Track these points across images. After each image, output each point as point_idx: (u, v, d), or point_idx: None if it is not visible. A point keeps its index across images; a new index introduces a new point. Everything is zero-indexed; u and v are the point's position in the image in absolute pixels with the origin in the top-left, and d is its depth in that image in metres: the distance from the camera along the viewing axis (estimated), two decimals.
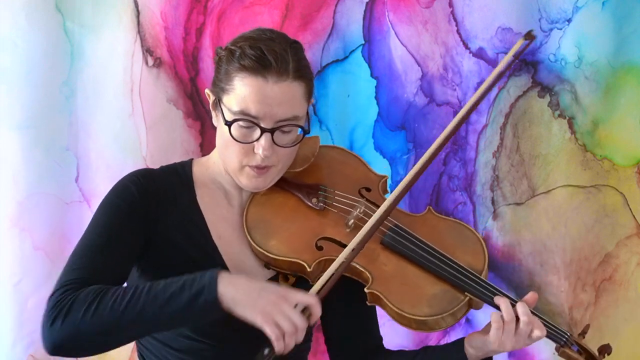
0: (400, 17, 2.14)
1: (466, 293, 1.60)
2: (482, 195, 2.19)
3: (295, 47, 1.60)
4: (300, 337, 1.46)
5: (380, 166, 2.16)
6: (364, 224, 1.59)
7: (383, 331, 1.80)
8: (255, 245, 1.61)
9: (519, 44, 1.76)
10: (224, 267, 1.60)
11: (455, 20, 2.14)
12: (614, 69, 2.15)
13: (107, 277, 1.51)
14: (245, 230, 1.62)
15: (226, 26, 2.09)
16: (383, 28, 2.14)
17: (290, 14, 2.10)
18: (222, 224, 1.65)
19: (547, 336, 1.64)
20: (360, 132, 2.17)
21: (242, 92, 1.54)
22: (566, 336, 1.65)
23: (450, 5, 2.13)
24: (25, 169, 2.04)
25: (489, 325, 1.59)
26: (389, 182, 2.16)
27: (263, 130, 1.55)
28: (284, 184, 1.67)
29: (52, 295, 1.48)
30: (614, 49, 2.14)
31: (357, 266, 1.60)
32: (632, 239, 2.20)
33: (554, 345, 2.27)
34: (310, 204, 1.66)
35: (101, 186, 2.07)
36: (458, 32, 2.15)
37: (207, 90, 1.64)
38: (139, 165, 2.08)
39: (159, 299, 1.43)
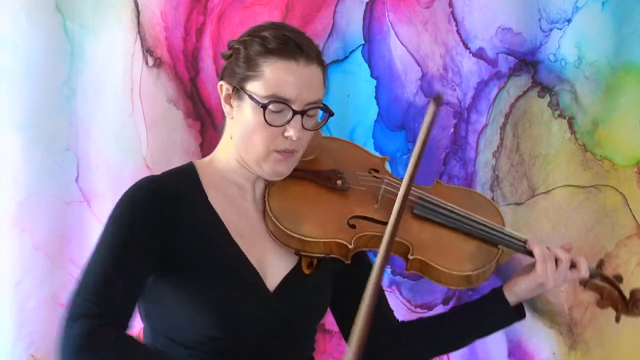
0: (400, 17, 2.14)
1: (499, 246, 1.74)
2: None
3: (309, 37, 1.64)
4: None
5: None
6: (391, 197, 1.67)
7: None
8: (288, 232, 1.62)
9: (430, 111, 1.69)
10: (247, 263, 1.60)
11: (455, 20, 2.14)
12: (614, 69, 2.15)
13: (126, 305, 1.53)
14: (275, 220, 1.62)
15: (226, 26, 2.09)
16: (383, 28, 2.14)
17: (290, 14, 2.10)
18: (239, 222, 1.64)
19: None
20: (360, 132, 2.17)
21: (273, 76, 1.56)
22: (592, 269, 1.78)
23: (450, 5, 2.13)
24: (25, 169, 2.03)
25: (525, 269, 1.73)
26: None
27: (295, 113, 1.57)
28: (298, 173, 1.69)
29: (77, 319, 1.47)
30: (614, 49, 2.14)
31: (397, 239, 1.64)
32: (632, 239, 2.20)
33: (554, 345, 2.28)
34: (334, 186, 1.70)
35: (101, 186, 2.07)
36: (458, 32, 2.15)
37: (220, 83, 1.63)
38: (139, 165, 2.08)
39: None
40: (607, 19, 2.13)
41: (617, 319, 1.81)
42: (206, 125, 2.11)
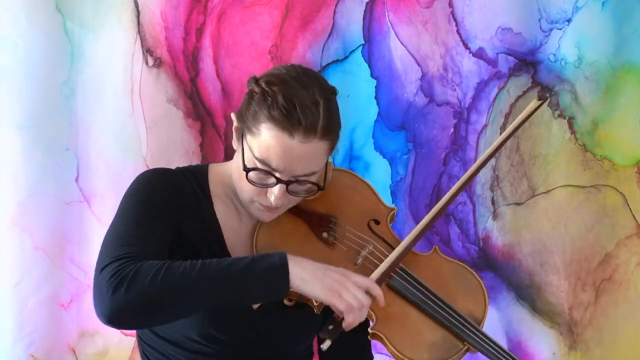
0: (400, 17, 2.14)
1: (465, 342, 1.63)
2: (482, 195, 2.19)
3: (329, 100, 1.57)
4: (364, 314, 1.52)
5: (380, 166, 2.17)
6: (371, 264, 1.63)
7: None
8: None
9: (532, 104, 1.73)
10: None
11: (455, 20, 2.14)
12: (614, 69, 2.15)
13: (159, 253, 1.50)
14: (255, 253, 1.61)
15: (226, 26, 2.09)
16: (383, 28, 2.14)
17: (290, 14, 2.10)
18: (234, 236, 1.65)
19: None
20: (360, 132, 2.17)
21: (266, 141, 1.52)
22: None
23: (450, 5, 2.13)
24: (25, 169, 2.03)
25: None
26: (388, 182, 2.16)
27: (279, 181, 1.55)
28: (295, 210, 1.67)
29: (105, 266, 1.43)
30: (614, 49, 2.14)
31: None
32: (632, 239, 2.20)
33: (554, 345, 2.28)
34: (320, 237, 1.66)
35: (101, 186, 2.07)
36: (458, 32, 2.15)
37: (232, 115, 1.62)
38: (139, 165, 2.08)
39: (232, 269, 1.44)
40: (607, 19, 2.13)
41: None
42: (206, 125, 2.11)
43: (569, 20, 2.14)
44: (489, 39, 2.14)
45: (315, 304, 1.57)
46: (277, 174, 1.54)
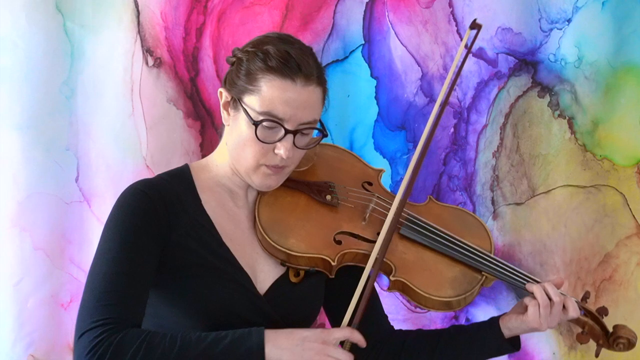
0: (400, 17, 2.14)
1: (483, 272, 1.70)
2: (482, 195, 2.19)
3: (314, 54, 1.63)
4: None
5: (380, 166, 2.16)
6: (379, 216, 1.69)
7: None
8: (275, 245, 1.63)
9: (467, 34, 1.81)
10: (240, 268, 1.61)
11: (455, 20, 2.14)
12: (614, 69, 2.15)
13: (138, 308, 1.52)
14: (262, 231, 1.63)
15: (226, 26, 2.09)
16: (383, 28, 2.14)
17: (290, 14, 2.10)
18: (230, 227, 1.65)
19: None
20: (360, 132, 2.17)
21: (269, 93, 1.55)
22: (576, 302, 1.72)
23: (450, 5, 2.13)
24: (25, 169, 2.03)
25: (520, 307, 1.69)
26: (389, 182, 2.16)
27: (287, 132, 1.57)
28: (289, 183, 1.69)
29: (83, 333, 1.46)
30: (614, 49, 2.14)
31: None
32: (632, 239, 2.20)
33: (554, 345, 2.28)
34: (324, 201, 1.69)
35: (101, 186, 2.07)
36: (458, 32, 2.15)
37: (221, 90, 1.64)
38: (139, 165, 2.08)
39: (209, 353, 1.46)
40: (607, 19, 2.13)
41: (597, 354, 1.78)
42: (206, 125, 2.11)
43: (569, 20, 2.14)
44: (489, 39, 2.15)
45: (333, 264, 1.62)
46: (284, 124, 1.56)
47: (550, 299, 1.65)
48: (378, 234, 1.65)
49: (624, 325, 1.75)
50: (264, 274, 1.64)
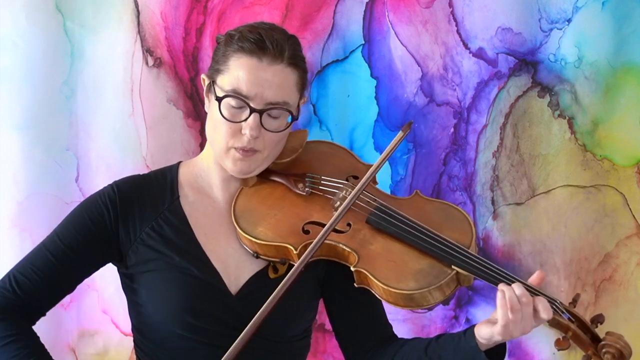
0: (400, 17, 2.14)
1: (453, 266, 1.57)
2: (482, 195, 2.19)
3: (293, 40, 1.63)
4: None
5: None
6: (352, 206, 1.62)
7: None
8: (242, 233, 1.62)
9: (399, 136, 1.70)
10: (209, 264, 1.61)
11: (455, 20, 2.14)
12: (614, 69, 2.15)
13: (41, 298, 1.64)
14: (233, 220, 1.63)
15: (226, 26, 2.09)
16: (383, 28, 2.14)
17: (290, 14, 2.10)
18: (206, 221, 1.65)
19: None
20: (360, 132, 2.17)
21: (235, 71, 1.57)
22: (556, 304, 1.56)
23: (450, 5, 2.13)
24: (25, 169, 2.04)
25: (494, 315, 1.52)
26: (389, 182, 2.16)
27: (252, 111, 1.56)
28: (271, 175, 1.69)
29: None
30: (614, 49, 2.14)
31: (344, 247, 1.60)
32: (632, 239, 2.20)
33: (554, 345, 2.26)
34: (297, 190, 1.68)
35: (101, 186, 2.06)
36: (458, 32, 2.15)
37: (202, 76, 1.65)
38: (139, 165, 2.08)
39: None
40: (607, 19, 2.13)
41: None
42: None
43: (569, 20, 2.14)
44: (489, 39, 2.14)
45: (294, 252, 1.58)
46: (249, 102, 1.56)
47: (519, 300, 1.48)
48: (349, 224, 1.61)
49: (619, 336, 1.58)
50: (239, 270, 1.62)
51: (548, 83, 2.16)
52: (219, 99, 1.57)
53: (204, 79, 1.65)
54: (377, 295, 1.59)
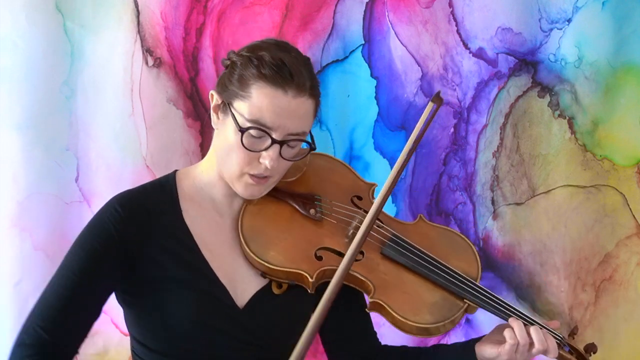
0: (400, 17, 2.14)
1: (465, 300, 1.64)
2: (482, 195, 2.19)
3: (310, 64, 1.60)
4: None
5: (381, 166, 2.17)
6: None
7: (383, 331, 1.81)
8: (253, 256, 1.60)
9: (428, 108, 1.69)
10: (216, 281, 1.60)
11: (455, 20, 2.14)
12: (614, 69, 2.15)
13: (75, 335, 1.57)
14: (243, 241, 1.61)
15: (226, 26, 2.09)
16: (383, 28, 2.14)
17: (290, 14, 2.10)
18: (211, 237, 1.63)
19: None
20: (360, 132, 2.17)
21: (259, 101, 1.53)
22: (559, 338, 1.68)
23: (450, 5, 2.13)
24: (25, 169, 2.03)
25: (499, 335, 1.62)
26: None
27: (274, 142, 1.54)
28: (276, 193, 1.67)
29: (16, 345, 1.54)
30: (614, 49, 2.14)
31: (359, 276, 1.61)
32: (632, 239, 2.20)
33: None
34: (308, 215, 1.66)
35: (101, 186, 2.08)
36: (458, 32, 2.15)
37: (212, 92, 1.62)
38: (139, 165, 2.08)
39: None
40: (607, 19, 2.13)
41: None
42: (206, 125, 2.11)
43: (569, 20, 2.14)
44: (489, 39, 2.14)
45: (310, 280, 1.57)
46: (271, 133, 1.54)
47: (531, 342, 1.59)
48: (362, 252, 1.62)
49: None
50: (244, 285, 1.62)
51: (548, 83, 2.16)
52: (242, 130, 1.54)
53: (216, 97, 1.60)
54: (391, 324, 1.62)
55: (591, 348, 1.71)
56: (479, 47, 2.15)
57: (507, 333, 1.59)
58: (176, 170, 1.69)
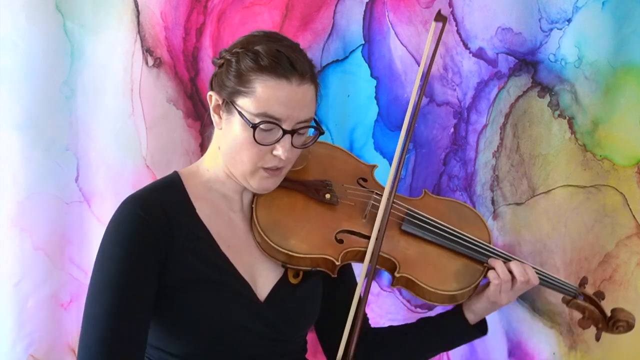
0: (400, 17, 2.14)
1: (484, 264, 1.73)
2: (482, 195, 2.19)
3: (303, 50, 1.61)
4: None
5: (381, 166, 2.16)
6: (376, 214, 1.68)
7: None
8: (276, 247, 1.61)
9: (432, 27, 1.82)
10: (238, 276, 1.60)
11: (455, 20, 2.14)
12: (614, 69, 2.15)
13: (133, 349, 1.49)
14: (262, 233, 1.62)
15: (226, 26, 2.09)
16: (383, 28, 2.14)
17: (290, 14, 2.10)
18: (227, 233, 1.63)
19: (560, 291, 1.82)
20: (360, 132, 2.17)
21: (264, 94, 1.53)
22: (574, 288, 1.82)
23: (450, 5, 2.13)
24: (25, 169, 2.03)
25: (484, 287, 1.74)
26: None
27: (285, 132, 1.55)
28: (286, 184, 1.68)
29: None
30: (614, 49, 2.14)
31: (384, 255, 1.67)
32: (632, 239, 2.20)
33: (554, 345, 2.27)
34: (323, 200, 1.69)
35: (101, 186, 2.08)
36: (458, 32, 2.15)
37: (210, 93, 1.61)
38: (139, 165, 2.08)
39: None
40: (607, 19, 2.13)
41: (598, 338, 1.84)
42: (206, 125, 2.11)
43: (569, 20, 2.14)
44: (489, 39, 2.14)
45: (337, 264, 1.62)
46: (281, 124, 1.54)
47: (513, 276, 1.70)
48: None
49: (622, 308, 1.82)
50: (263, 279, 1.63)
51: (548, 83, 2.16)
52: (255, 126, 1.53)
53: (215, 97, 1.60)
54: (417, 296, 1.69)
55: (600, 295, 1.84)
56: (479, 47, 2.15)
57: (490, 274, 1.71)
58: (176, 171, 1.68)
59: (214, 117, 1.62)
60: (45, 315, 2.07)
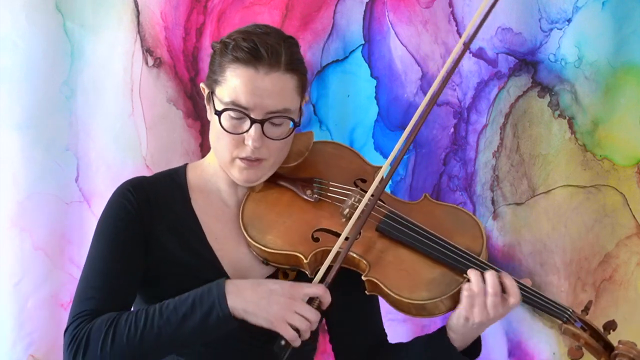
0: (400, 17, 2.14)
1: (465, 275, 1.57)
2: (482, 195, 2.19)
3: (290, 42, 1.60)
4: (315, 326, 1.50)
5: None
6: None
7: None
8: (251, 241, 1.61)
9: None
10: (220, 269, 1.60)
11: (455, 20, 2.14)
12: (614, 69, 2.15)
13: (118, 301, 1.54)
14: (242, 227, 1.62)
15: (226, 26, 2.09)
16: (383, 28, 2.14)
17: (290, 14, 2.10)
18: (217, 226, 1.65)
19: (549, 313, 1.61)
20: (360, 132, 2.17)
21: (233, 82, 1.54)
22: (568, 313, 1.59)
23: (450, 5, 2.13)
24: (25, 169, 2.03)
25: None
26: (389, 182, 2.16)
27: (253, 121, 1.55)
28: (278, 179, 1.68)
29: (66, 329, 1.51)
30: (614, 49, 2.14)
31: (354, 255, 1.59)
32: (632, 239, 2.20)
33: (554, 345, 2.27)
34: (305, 197, 1.66)
35: (101, 186, 2.07)
36: (458, 32, 2.15)
37: (202, 84, 1.65)
38: (139, 165, 2.08)
39: (172, 321, 1.46)
40: (607, 19, 2.13)
41: None
42: (206, 125, 2.10)
43: (569, 20, 2.14)
44: (489, 39, 2.14)
45: (304, 261, 1.57)
46: (249, 113, 1.54)
47: (486, 289, 1.52)
48: (359, 232, 1.59)
49: (632, 344, 1.57)
50: (249, 275, 1.62)
51: (548, 83, 2.16)
52: (218, 113, 1.56)
53: (204, 89, 1.64)
54: (389, 304, 1.58)
55: (611, 325, 1.58)
56: (479, 47, 2.15)
57: (464, 285, 1.54)
58: (186, 164, 1.72)
59: (207, 108, 1.64)
60: (45, 315, 2.07)
